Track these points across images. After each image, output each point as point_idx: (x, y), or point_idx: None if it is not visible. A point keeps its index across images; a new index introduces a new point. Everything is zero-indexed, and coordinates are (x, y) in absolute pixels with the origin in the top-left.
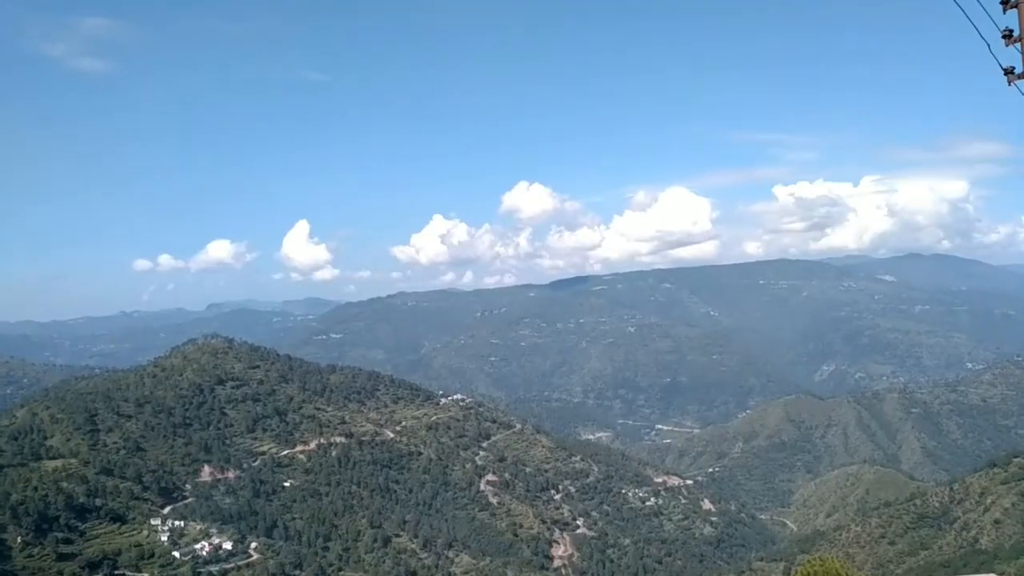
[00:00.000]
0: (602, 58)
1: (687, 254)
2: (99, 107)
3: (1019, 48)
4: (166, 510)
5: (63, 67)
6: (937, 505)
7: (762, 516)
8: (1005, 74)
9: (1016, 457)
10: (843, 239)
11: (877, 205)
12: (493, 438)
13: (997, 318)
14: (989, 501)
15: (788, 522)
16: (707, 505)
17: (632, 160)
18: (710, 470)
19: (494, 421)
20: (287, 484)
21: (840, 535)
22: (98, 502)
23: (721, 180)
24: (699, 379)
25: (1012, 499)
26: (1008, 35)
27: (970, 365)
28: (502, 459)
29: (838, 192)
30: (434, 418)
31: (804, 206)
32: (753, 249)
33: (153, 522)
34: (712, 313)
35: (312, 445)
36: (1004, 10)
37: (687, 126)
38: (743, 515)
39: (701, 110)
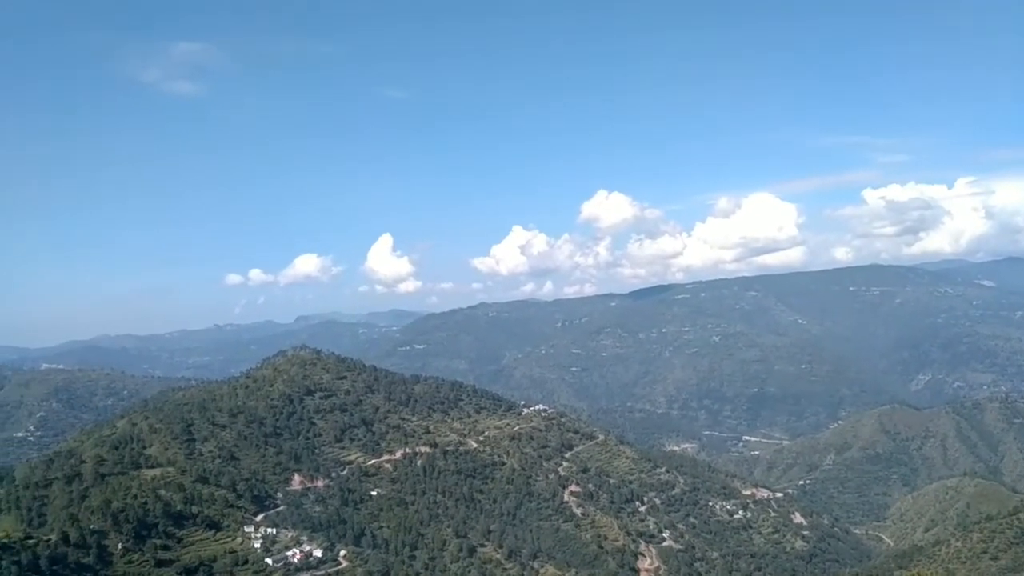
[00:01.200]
0: (682, 65)
1: (773, 261)
2: (192, 129)
3: None
4: (259, 517)
5: (157, 91)
6: None
7: (856, 530)
8: None
9: None
10: (938, 243)
11: (973, 207)
12: (576, 449)
13: None
14: None
15: (884, 536)
16: (798, 518)
17: (714, 166)
18: (801, 483)
19: (576, 432)
20: (374, 493)
21: (939, 550)
22: (194, 509)
23: (807, 185)
24: (788, 389)
25: None
26: None
27: None
28: (585, 470)
29: (931, 194)
30: (516, 428)
31: (895, 210)
32: (842, 255)
33: (247, 529)
34: (800, 321)
35: (398, 455)
36: None
37: (771, 131)
38: (836, 529)
39: (785, 114)
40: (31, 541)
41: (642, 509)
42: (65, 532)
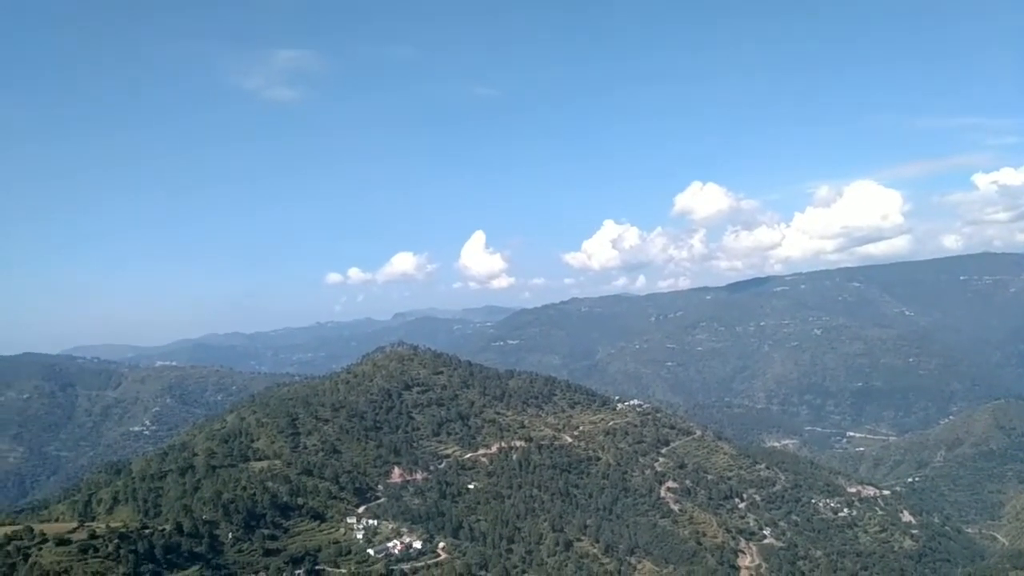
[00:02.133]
0: (777, 49)
1: (877, 251)
2: (293, 133)
3: None
4: (361, 509)
5: (259, 97)
6: None
7: (969, 529)
8: None
9: None
10: None
11: None
12: (672, 444)
13: None
14: None
15: (999, 536)
16: (907, 517)
17: (812, 154)
18: (909, 480)
19: (672, 427)
20: (471, 486)
21: None
22: (299, 501)
23: (912, 170)
24: (894, 383)
25: None
26: None
27: None
28: (682, 466)
29: None
30: (611, 423)
31: (1009, 194)
32: (951, 243)
33: (349, 520)
34: (907, 312)
35: (494, 448)
36: None
37: (872, 115)
38: (947, 528)
39: (887, 96)
40: (147, 531)
41: (741, 506)
42: (179, 522)
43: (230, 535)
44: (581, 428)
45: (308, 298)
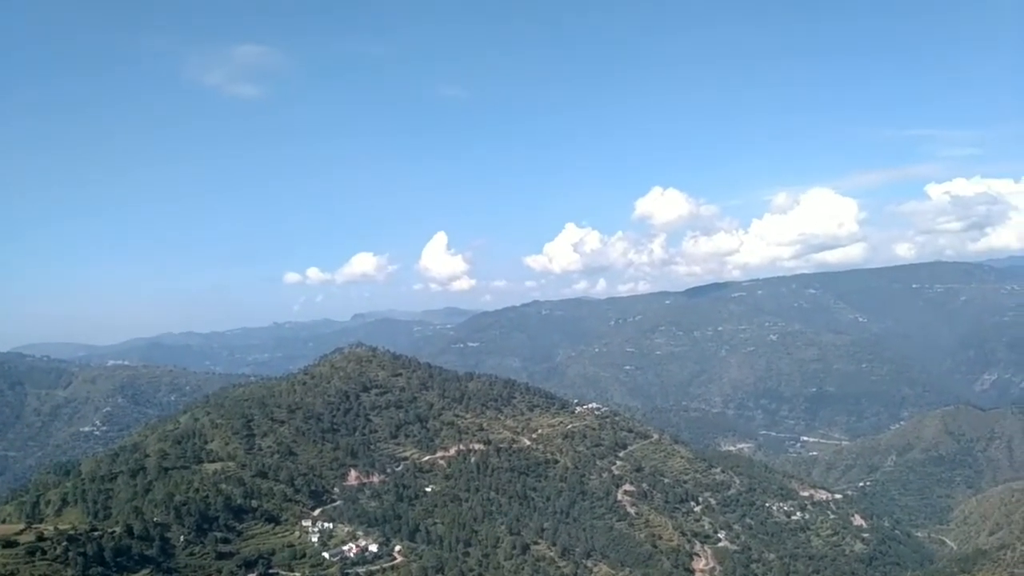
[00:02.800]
0: (736, 58)
1: (832, 258)
2: (253, 130)
3: None
4: (316, 512)
5: (220, 94)
6: None
7: (918, 533)
8: None
9: None
10: (1005, 239)
11: None
12: (630, 448)
13: None
14: None
15: (947, 540)
16: (858, 521)
17: (771, 161)
18: (860, 484)
19: (630, 431)
20: (428, 489)
21: (1005, 554)
22: (254, 503)
23: (868, 180)
24: (847, 389)
25: None
26: None
27: None
28: (639, 469)
29: (999, 189)
30: (570, 426)
31: (961, 204)
32: (904, 251)
33: (304, 523)
34: (861, 319)
35: (452, 451)
36: None
37: (829, 124)
38: (897, 532)
39: (844, 106)
40: (96, 533)
41: (697, 509)
42: (129, 524)
43: (182, 538)
44: (540, 431)
45: (266, 298)
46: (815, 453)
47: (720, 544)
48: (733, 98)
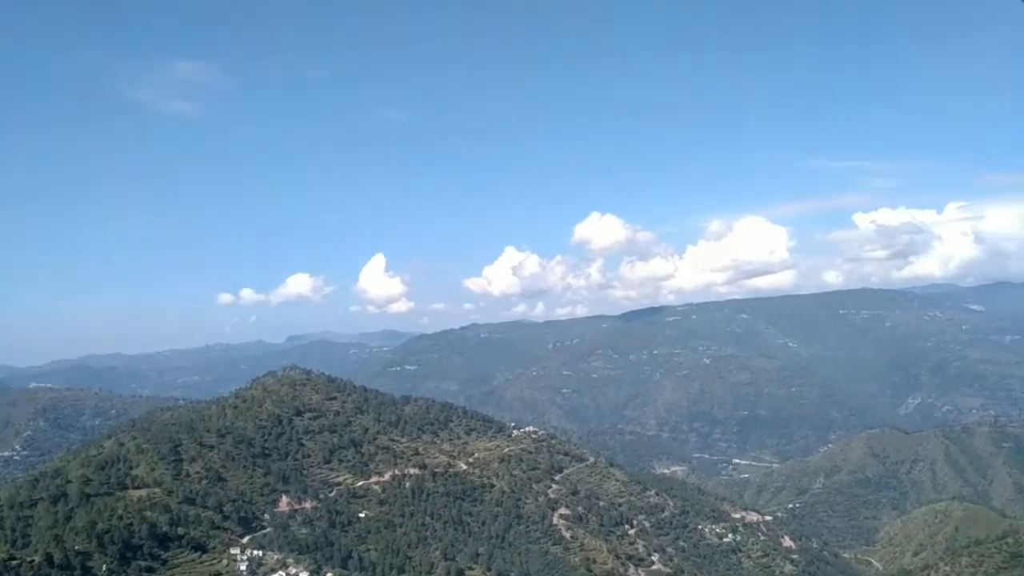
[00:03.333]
0: (675, 88)
1: (764, 284)
2: (186, 148)
3: None
4: (245, 540)
5: (152, 110)
6: None
7: (846, 554)
8: None
9: None
10: (928, 267)
11: (963, 232)
12: (566, 471)
13: None
14: None
15: (873, 560)
16: (787, 542)
17: (706, 189)
18: (790, 506)
19: (567, 454)
20: (362, 515)
21: (928, 575)
22: (180, 531)
23: (798, 208)
24: (778, 412)
25: None
26: None
27: None
28: (575, 492)
29: (922, 219)
30: (507, 450)
31: (886, 234)
32: (832, 278)
33: (233, 551)
34: (790, 344)
35: (387, 476)
36: None
37: (762, 154)
38: (825, 553)
39: (777, 138)
40: (15, 562)
41: (631, 532)
42: (49, 553)
43: (104, 567)
44: (476, 455)
45: (197, 319)
46: (747, 475)
47: (654, 567)
48: (669, 127)
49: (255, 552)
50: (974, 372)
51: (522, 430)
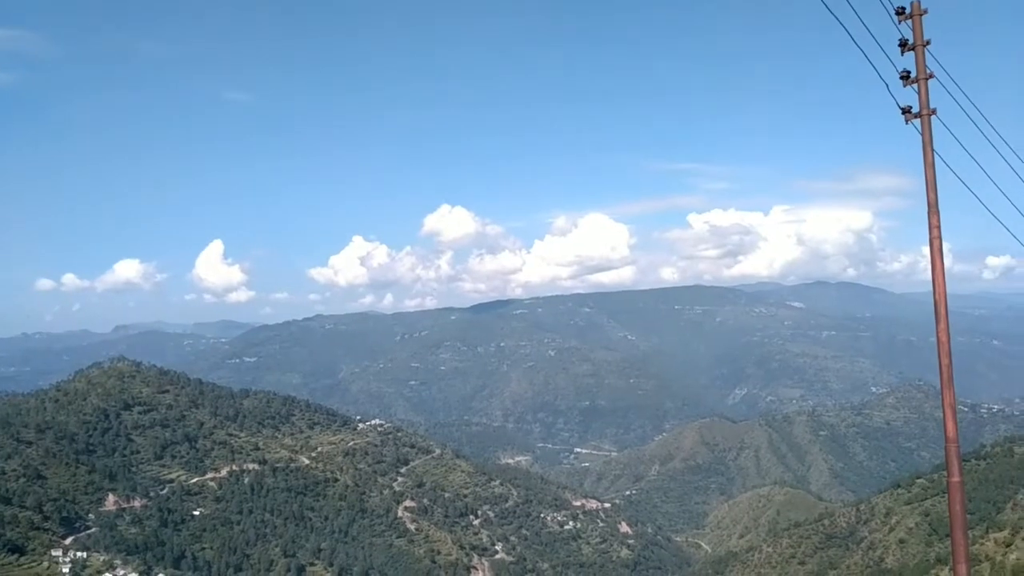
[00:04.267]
0: (524, 84)
1: (606, 279)
2: (7, 120)
3: (916, 89)
4: (68, 541)
5: None
6: (844, 525)
7: (678, 538)
8: (903, 113)
9: (919, 478)
10: (755, 266)
11: (787, 234)
12: (412, 463)
13: (899, 344)
14: (894, 521)
15: (703, 543)
16: (624, 528)
17: (553, 186)
18: (627, 493)
19: (413, 446)
20: (196, 512)
21: (752, 556)
22: None
23: (639, 207)
24: (617, 402)
25: (915, 519)
26: (906, 76)
27: (874, 389)
28: (421, 484)
29: (750, 221)
30: (351, 444)
31: (718, 234)
32: (669, 275)
33: (54, 553)
34: (630, 337)
35: (223, 472)
36: (902, 52)
37: (606, 154)
38: (659, 537)
39: (620, 139)
40: None
41: (476, 522)
42: None
43: None
44: (320, 449)
45: (13, 305)
46: (587, 464)
47: (497, 556)
48: (518, 122)
49: (79, 553)
50: (794, 365)
51: (368, 423)
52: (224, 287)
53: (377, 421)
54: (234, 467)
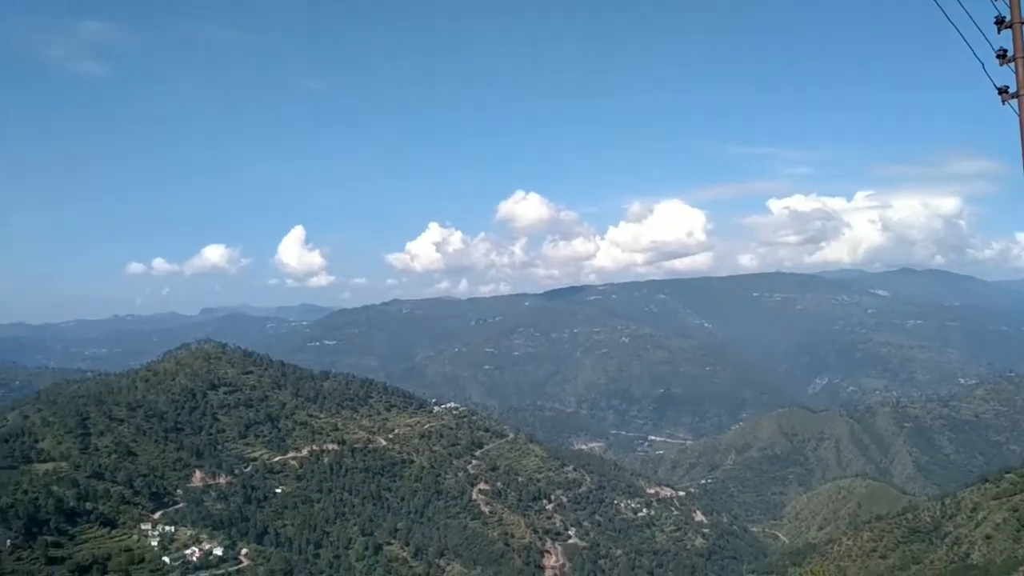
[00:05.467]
0: (598, 72)
1: (682, 265)
2: (97, 110)
3: (1013, 68)
4: (157, 515)
5: (61, 70)
6: (929, 519)
7: (754, 528)
8: (999, 93)
9: (1008, 473)
10: (837, 253)
11: (871, 220)
12: (486, 447)
13: (990, 334)
14: (980, 516)
15: (780, 535)
16: (699, 517)
17: (627, 172)
18: (702, 482)
19: (487, 430)
20: (279, 490)
21: (832, 548)
22: (88, 506)
23: (715, 193)
24: (692, 390)
25: (1003, 514)
26: (1003, 55)
27: (963, 380)
28: (494, 468)
29: (832, 206)
30: (427, 426)
31: (798, 219)
32: (747, 261)
33: (143, 527)
34: (706, 325)
35: (304, 452)
36: (999, 30)
37: (683, 139)
38: (735, 527)
39: (697, 124)
40: None
41: (549, 507)
42: None
43: (8, 542)
44: (396, 431)
45: (106, 289)
46: (661, 452)
47: (570, 541)
48: (594, 108)
49: (167, 527)
50: (878, 355)
51: (443, 406)
52: (305, 272)
53: (452, 404)
54: (314, 447)
